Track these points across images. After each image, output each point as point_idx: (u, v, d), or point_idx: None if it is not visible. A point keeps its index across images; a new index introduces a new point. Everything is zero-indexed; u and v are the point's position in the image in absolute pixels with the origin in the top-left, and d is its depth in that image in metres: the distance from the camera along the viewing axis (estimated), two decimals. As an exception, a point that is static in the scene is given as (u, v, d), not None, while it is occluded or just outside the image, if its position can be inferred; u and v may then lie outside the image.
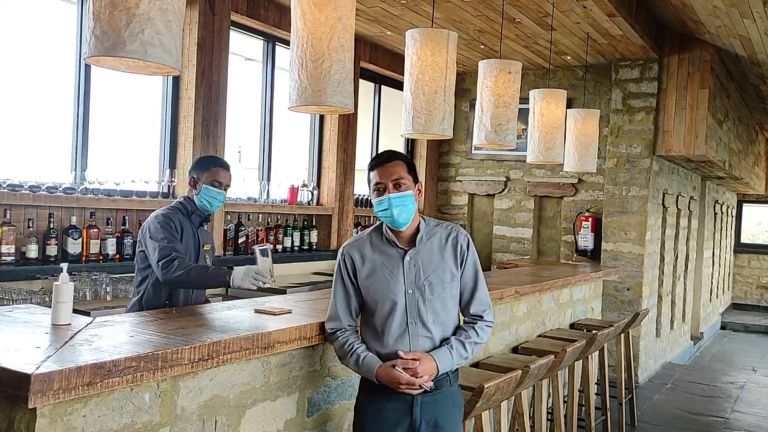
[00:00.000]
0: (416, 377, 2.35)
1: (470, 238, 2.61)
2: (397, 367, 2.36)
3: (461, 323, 2.61)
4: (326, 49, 2.79)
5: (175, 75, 2.46)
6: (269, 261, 2.94)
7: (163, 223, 3.15)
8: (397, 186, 2.46)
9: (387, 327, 2.45)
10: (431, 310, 2.46)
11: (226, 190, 3.35)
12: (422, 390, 2.38)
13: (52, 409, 1.75)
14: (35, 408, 1.70)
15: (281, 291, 4.44)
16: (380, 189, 2.47)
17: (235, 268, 2.97)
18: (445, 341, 2.47)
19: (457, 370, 2.57)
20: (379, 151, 7.33)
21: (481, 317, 2.58)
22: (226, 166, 3.38)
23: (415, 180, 2.54)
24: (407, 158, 2.58)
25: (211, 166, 3.32)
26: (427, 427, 2.43)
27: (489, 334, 2.60)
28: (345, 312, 2.52)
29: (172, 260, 3.03)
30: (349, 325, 2.53)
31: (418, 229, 2.52)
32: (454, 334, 2.52)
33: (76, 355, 1.85)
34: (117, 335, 2.13)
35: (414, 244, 2.50)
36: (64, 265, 2.31)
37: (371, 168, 2.53)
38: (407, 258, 2.48)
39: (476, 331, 2.53)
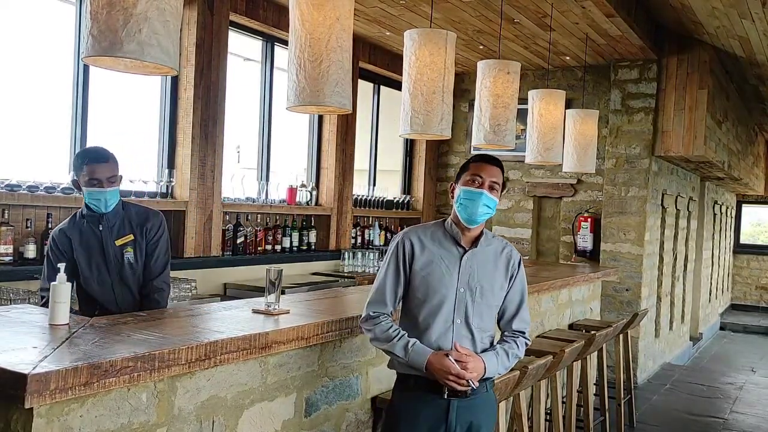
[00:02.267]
0: (467, 372, 2.35)
1: (521, 257, 2.66)
2: (450, 357, 2.36)
3: (498, 336, 2.62)
4: (324, 49, 2.79)
5: (173, 75, 2.45)
6: None
7: (48, 253, 2.99)
8: (491, 188, 2.50)
9: (432, 322, 2.46)
10: (477, 313, 2.48)
11: (111, 184, 2.92)
12: (468, 386, 2.37)
13: (48, 409, 1.75)
14: (32, 408, 1.70)
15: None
16: (477, 182, 2.49)
17: None
18: (487, 347, 2.50)
19: (492, 377, 2.58)
20: (379, 151, 7.36)
21: (523, 333, 2.60)
22: (102, 158, 2.91)
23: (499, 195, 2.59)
24: (504, 173, 2.62)
25: (83, 164, 2.90)
26: (461, 430, 2.45)
27: (524, 352, 2.62)
28: (392, 297, 2.52)
29: (45, 304, 2.85)
30: (391, 312, 2.53)
31: (480, 234, 2.55)
32: (490, 343, 2.53)
33: (73, 355, 1.85)
34: (114, 335, 2.13)
35: (475, 245, 2.52)
36: (62, 266, 2.31)
37: (475, 160, 2.55)
38: (466, 257, 2.50)
39: (517, 345, 2.56)
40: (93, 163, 2.90)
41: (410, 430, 2.46)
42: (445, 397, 2.42)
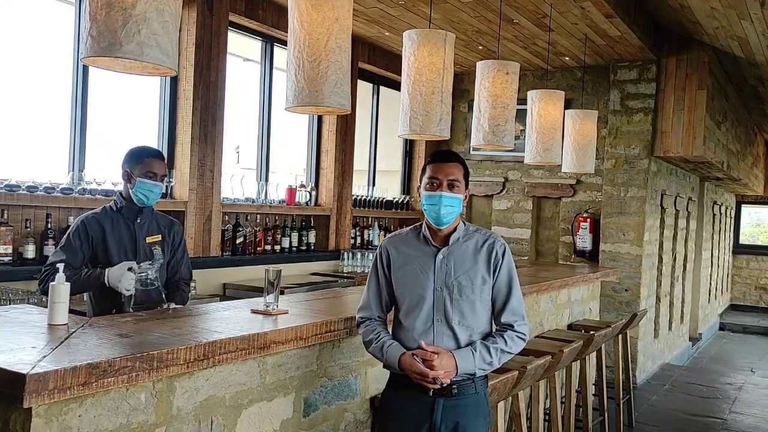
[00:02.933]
0: (432, 370, 2.35)
1: (507, 247, 2.60)
2: (415, 357, 2.39)
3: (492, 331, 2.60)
4: (323, 49, 2.79)
5: (172, 75, 2.46)
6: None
7: (71, 234, 3.05)
8: (451, 186, 2.50)
9: (412, 322, 2.49)
10: (458, 311, 2.48)
11: (162, 180, 3.18)
12: (436, 384, 2.37)
13: (47, 409, 1.75)
14: (30, 408, 1.70)
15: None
16: (435, 184, 2.51)
17: (109, 268, 2.88)
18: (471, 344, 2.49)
19: (486, 378, 2.57)
20: (378, 151, 7.36)
21: (512, 327, 2.53)
22: (159, 156, 3.22)
23: (466, 186, 2.57)
24: (464, 163, 2.61)
25: (143, 158, 3.14)
26: (447, 430, 2.45)
27: (521, 346, 2.55)
28: (376, 303, 2.59)
29: (45, 276, 2.92)
30: (379, 317, 2.59)
31: (454, 231, 2.55)
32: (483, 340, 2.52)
33: (72, 355, 1.86)
34: (112, 335, 2.13)
35: (448, 243, 2.53)
36: (61, 266, 2.32)
37: (430, 162, 2.57)
38: (440, 256, 2.51)
39: (504, 339, 2.50)
40: (153, 158, 3.16)
41: (398, 427, 2.50)
42: (430, 395, 2.43)
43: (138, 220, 3.16)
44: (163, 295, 3.03)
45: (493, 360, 2.47)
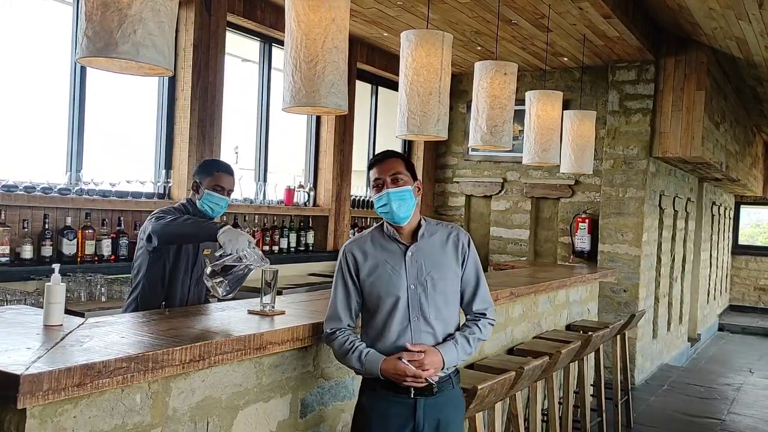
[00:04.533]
0: (422, 370, 2.34)
1: (470, 237, 2.64)
2: (403, 360, 2.35)
3: (463, 321, 2.62)
4: (320, 50, 2.79)
5: (168, 76, 2.47)
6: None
7: (163, 209, 3.21)
8: (395, 181, 2.49)
9: (389, 324, 2.44)
10: (433, 306, 2.47)
11: (229, 195, 3.29)
12: (427, 384, 2.36)
13: (41, 410, 1.75)
14: (25, 409, 1.70)
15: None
16: (379, 185, 2.50)
17: (228, 226, 2.91)
18: (448, 337, 2.49)
19: (458, 372, 2.58)
20: (377, 152, 7.36)
21: (484, 314, 2.59)
22: (229, 171, 3.32)
23: (414, 177, 2.56)
24: (405, 156, 2.62)
25: (214, 171, 3.26)
26: (430, 429, 2.43)
27: (490, 332, 2.61)
28: (345, 312, 2.50)
29: (166, 214, 3.08)
30: (349, 326, 2.51)
31: (419, 226, 2.54)
32: (456, 330, 2.53)
33: (67, 355, 1.85)
34: (108, 336, 2.13)
35: (415, 239, 2.51)
36: (56, 266, 2.31)
37: (370, 167, 2.57)
38: (409, 253, 2.49)
39: (479, 328, 2.55)
40: (224, 173, 3.28)
41: (380, 430, 2.44)
42: (412, 396, 2.41)
43: None
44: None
45: (473, 350, 2.52)
